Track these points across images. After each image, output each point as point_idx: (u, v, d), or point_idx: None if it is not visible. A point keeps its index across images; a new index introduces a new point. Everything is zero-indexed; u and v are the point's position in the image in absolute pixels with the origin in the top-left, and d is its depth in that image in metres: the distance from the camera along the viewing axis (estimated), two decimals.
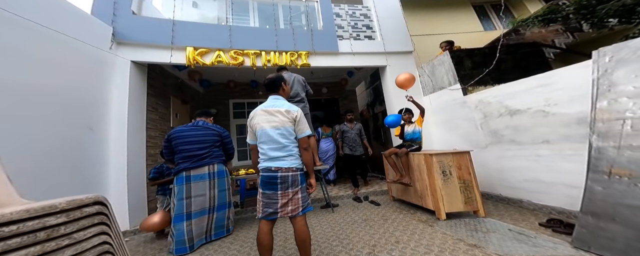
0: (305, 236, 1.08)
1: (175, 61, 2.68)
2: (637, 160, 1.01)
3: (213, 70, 3.63)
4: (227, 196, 1.89)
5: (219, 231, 1.80)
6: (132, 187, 2.22)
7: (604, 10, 2.12)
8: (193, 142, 1.74)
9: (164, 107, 3.05)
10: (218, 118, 4.29)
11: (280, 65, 2.64)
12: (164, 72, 3.18)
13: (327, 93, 4.72)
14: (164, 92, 3.11)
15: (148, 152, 2.55)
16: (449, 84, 2.75)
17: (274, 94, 1.25)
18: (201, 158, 1.72)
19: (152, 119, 2.76)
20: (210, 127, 1.87)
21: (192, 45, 2.73)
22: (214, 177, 1.78)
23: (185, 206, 1.62)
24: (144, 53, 2.57)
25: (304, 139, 1.16)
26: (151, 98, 2.78)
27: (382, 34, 3.32)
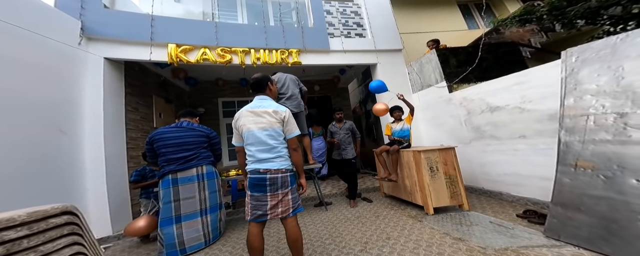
0: (296, 236, 1.08)
1: (156, 58, 2.53)
2: (599, 154, 1.11)
3: (199, 68, 3.48)
4: (218, 197, 1.85)
5: (215, 234, 1.77)
6: (113, 191, 2.11)
7: (572, 12, 2.29)
8: (177, 144, 1.67)
9: (145, 106, 2.89)
10: (207, 117, 4.14)
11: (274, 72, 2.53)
12: (145, 70, 2.99)
13: (320, 91, 4.71)
14: (145, 90, 2.94)
15: (129, 154, 2.42)
16: (436, 82, 2.84)
17: (261, 94, 1.21)
18: (188, 160, 1.67)
19: (133, 119, 2.61)
20: (195, 127, 1.79)
21: (174, 42, 2.58)
22: (203, 179, 1.73)
23: (173, 209, 1.58)
24: (119, 49, 2.40)
25: (293, 140, 1.16)
26: (131, 97, 2.62)
27: (372, 32, 3.34)
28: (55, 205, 0.66)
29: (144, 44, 2.51)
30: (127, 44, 2.45)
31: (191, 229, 1.60)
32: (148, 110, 2.94)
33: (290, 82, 2.27)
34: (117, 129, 2.34)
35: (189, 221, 1.61)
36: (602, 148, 1.10)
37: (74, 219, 0.70)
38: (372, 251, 1.32)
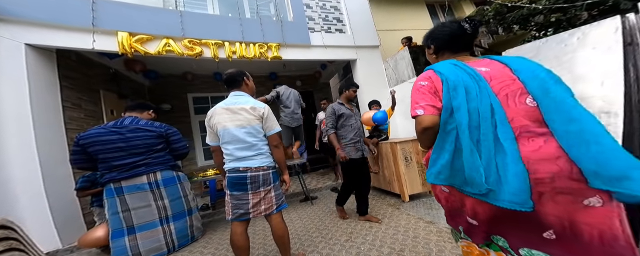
0: (282, 232, 1.09)
1: (101, 48, 2.12)
2: None
3: (161, 61, 3.03)
4: (185, 203, 1.68)
5: (182, 241, 1.64)
6: (56, 200, 1.78)
7: (510, 18, 2.75)
8: (118, 149, 1.41)
9: (91, 102, 2.43)
10: (176, 114, 3.71)
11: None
12: (87, 61, 2.48)
13: (302, 86, 4.65)
14: (90, 84, 2.46)
15: None
16: (409, 77, 3.11)
17: (236, 90, 1.15)
18: (134, 167, 1.44)
19: (75, 118, 2.19)
20: (143, 126, 1.49)
21: (126, 30, 2.18)
22: (159, 187, 1.52)
23: (123, 221, 1.42)
24: (46, 35, 1.93)
25: (274, 136, 1.14)
26: (70, 91, 2.17)
27: (352, 28, 3.39)
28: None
29: (84, 30, 2.06)
30: (59, 29, 1.98)
31: (148, 240, 1.46)
32: (95, 106, 2.48)
33: (294, 97, 2.53)
34: (54, 130, 1.93)
35: (145, 231, 1.46)
36: None
37: (9, 233, 0.60)
38: (356, 241, 1.41)
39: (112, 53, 2.25)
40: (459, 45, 0.67)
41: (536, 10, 2.45)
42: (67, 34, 2.00)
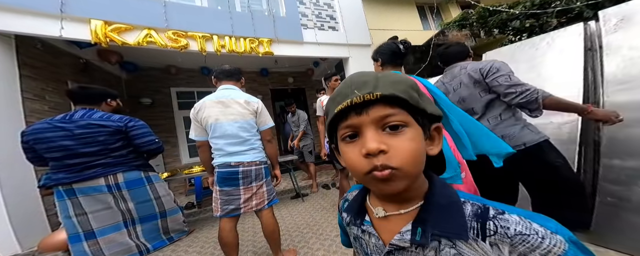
0: (273, 228, 1.08)
1: (71, 36, 1.93)
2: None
3: (142, 52, 2.82)
4: (157, 206, 1.49)
5: (157, 243, 1.50)
6: (14, 199, 1.61)
7: (491, 22, 2.95)
8: (61, 148, 1.18)
9: (56, 94, 2.19)
10: (157, 109, 3.49)
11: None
12: (53, 49, 2.23)
13: (294, 83, 4.60)
14: (55, 74, 2.22)
15: None
16: None
17: (229, 83, 1.12)
18: (86, 167, 1.22)
19: (37, 110, 1.97)
20: (96, 121, 1.24)
21: (100, 17, 2.00)
22: (120, 189, 1.32)
23: (78, 225, 1.25)
24: (3, 18, 1.71)
25: (268, 131, 1.14)
26: (31, 82, 1.95)
27: (344, 26, 3.40)
28: None
29: (50, 15, 1.85)
30: (18, 13, 1.76)
31: (113, 243, 1.32)
32: (61, 98, 2.24)
33: (303, 119, 2.74)
34: (10, 123, 1.73)
35: (108, 235, 1.30)
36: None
37: None
38: None
39: (84, 42, 2.05)
40: (398, 60, 0.88)
41: (513, 15, 2.65)
42: (29, 18, 1.78)
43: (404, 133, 0.23)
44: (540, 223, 0.21)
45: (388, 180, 0.22)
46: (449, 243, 0.23)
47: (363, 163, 0.23)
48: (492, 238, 0.22)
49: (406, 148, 0.22)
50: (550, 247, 0.20)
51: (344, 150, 0.25)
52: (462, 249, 0.23)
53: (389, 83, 0.23)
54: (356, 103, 0.23)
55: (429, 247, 0.24)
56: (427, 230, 0.23)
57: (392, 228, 0.26)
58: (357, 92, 0.23)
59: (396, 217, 0.26)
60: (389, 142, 0.22)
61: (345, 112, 0.24)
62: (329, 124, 0.26)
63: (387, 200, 0.27)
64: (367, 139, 0.23)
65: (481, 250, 0.22)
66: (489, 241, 0.22)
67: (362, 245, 0.29)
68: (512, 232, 0.21)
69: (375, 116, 0.23)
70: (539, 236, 0.20)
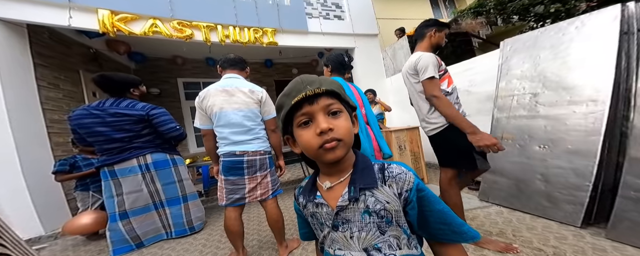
0: (278, 217, 1.09)
1: (79, 25, 1.96)
2: (519, 126, 1.44)
3: (149, 42, 2.84)
4: (180, 189, 1.57)
5: (178, 230, 1.57)
6: (36, 184, 1.71)
7: (510, 8, 2.72)
8: (97, 133, 1.31)
9: (70, 83, 2.28)
10: (165, 99, 3.57)
11: None
12: (63, 38, 2.30)
13: (298, 74, 4.50)
14: (67, 64, 2.30)
15: (53, 140, 1.95)
16: None
17: (233, 72, 1.11)
18: (122, 150, 1.36)
19: (53, 98, 2.06)
20: (122, 110, 1.34)
21: (108, 7, 2.01)
22: (149, 170, 1.44)
23: (116, 205, 1.39)
24: (15, 8, 1.76)
25: (272, 121, 1.13)
26: (45, 70, 2.03)
27: (351, 15, 3.27)
28: None
29: (59, 5, 1.88)
30: (30, 3, 1.80)
31: (145, 223, 1.45)
32: (75, 87, 2.34)
33: None
34: (29, 110, 1.82)
35: (139, 216, 1.43)
36: (519, 122, 1.44)
37: None
38: None
39: (92, 31, 2.08)
40: (344, 69, 1.12)
41: (537, 0, 2.42)
42: (39, 8, 1.82)
43: (341, 116, 0.33)
44: (403, 166, 0.35)
45: (334, 148, 0.32)
46: (370, 193, 0.33)
47: (316, 140, 0.32)
48: (388, 181, 0.34)
49: (344, 125, 0.33)
50: (410, 178, 0.34)
51: (300, 133, 0.33)
52: (377, 195, 0.33)
53: (328, 82, 0.34)
54: (309, 96, 0.31)
55: (360, 201, 0.33)
56: (356, 186, 0.33)
57: (335, 195, 0.35)
58: (309, 87, 0.31)
59: (338, 185, 0.35)
60: (333, 122, 0.32)
61: (300, 103, 0.32)
62: (284, 116, 0.34)
63: (330, 174, 0.36)
64: (320, 121, 0.32)
65: (385, 192, 0.33)
66: (387, 184, 0.34)
67: (317, 218, 0.37)
68: (394, 174, 0.34)
69: (322, 105, 0.32)
70: (404, 173, 0.34)
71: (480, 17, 3.62)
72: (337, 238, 0.34)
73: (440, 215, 0.33)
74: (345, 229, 0.33)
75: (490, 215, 1.34)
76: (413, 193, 0.33)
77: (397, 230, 0.32)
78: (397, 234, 0.32)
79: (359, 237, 0.32)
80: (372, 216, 0.32)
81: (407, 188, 0.33)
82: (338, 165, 0.35)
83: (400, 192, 0.33)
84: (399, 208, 0.32)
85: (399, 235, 0.32)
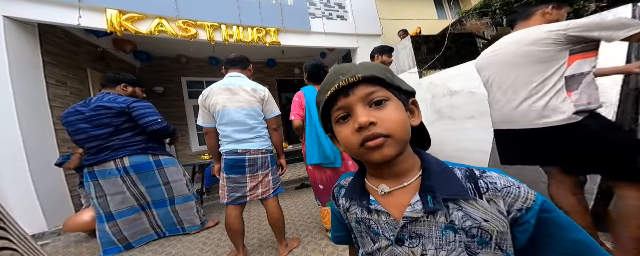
0: (278, 216, 1.09)
1: (88, 25, 2.01)
2: None
3: (154, 42, 2.89)
4: (166, 191, 1.46)
5: (171, 229, 1.51)
6: (41, 181, 1.74)
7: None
8: (79, 131, 1.25)
9: (77, 81, 2.34)
10: (169, 98, 3.61)
11: None
12: (73, 38, 2.35)
13: (300, 74, 4.55)
14: (76, 62, 2.36)
15: (59, 137, 1.98)
16: (409, 68, 3.07)
17: (236, 71, 1.12)
18: (99, 150, 1.27)
19: (60, 96, 2.11)
20: (105, 103, 1.26)
21: (116, 7, 2.05)
22: (128, 173, 1.33)
23: (100, 207, 1.34)
24: (28, 8, 1.81)
25: (274, 120, 1.14)
26: (54, 69, 2.08)
27: (354, 15, 3.27)
28: None
29: (69, 5, 1.93)
30: (42, 3, 1.85)
31: (132, 225, 1.39)
32: (82, 85, 2.39)
33: None
34: (37, 106, 1.86)
35: (126, 218, 1.37)
36: None
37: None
38: None
39: (100, 31, 2.13)
40: (318, 78, 1.21)
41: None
42: (51, 8, 1.88)
43: (388, 106, 0.27)
44: (507, 177, 0.26)
45: (381, 147, 0.25)
46: (456, 206, 0.25)
47: (356, 137, 0.26)
48: (487, 194, 0.25)
49: (392, 116, 0.26)
50: (527, 194, 0.24)
51: (339, 130, 0.29)
52: (467, 210, 0.25)
53: (366, 68, 0.27)
54: (343, 87, 0.27)
55: (439, 213, 0.25)
56: (437, 196, 0.25)
57: (397, 203, 0.28)
58: (342, 78, 0.27)
59: (399, 191, 0.28)
60: (376, 114, 0.26)
61: (335, 97, 0.28)
62: (322, 113, 0.30)
63: (385, 177, 0.29)
64: (358, 115, 0.26)
65: (482, 208, 0.25)
66: (486, 198, 0.25)
67: (370, 226, 0.30)
68: (500, 186, 0.25)
69: (361, 95, 0.27)
70: (516, 187, 0.25)
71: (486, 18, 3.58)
72: (402, 254, 0.27)
73: (576, 247, 0.22)
74: (414, 245, 0.26)
75: None
76: (532, 215, 0.23)
77: (494, 255, 0.24)
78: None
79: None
80: (459, 235, 0.25)
81: (521, 207, 0.24)
82: (393, 167, 0.28)
83: (510, 210, 0.24)
84: (505, 229, 0.24)
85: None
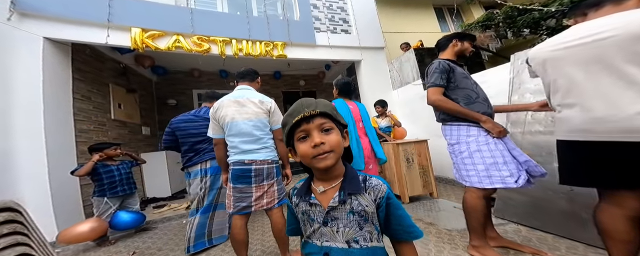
0: (282, 226, 1.08)
1: (115, 43, 2.20)
2: (534, 142, 1.37)
3: (170, 57, 3.12)
4: (217, 196, 1.56)
5: (198, 243, 1.46)
6: (59, 191, 1.81)
7: (521, 21, 2.71)
8: (190, 135, 1.55)
9: (100, 95, 2.52)
10: (181, 110, 3.76)
11: None
12: (99, 55, 2.58)
13: (305, 86, 4.68)
14: (100, 77, 2.56)
15: (79, 149, 2.10)
16: (413, 80, 3.09)
17: (245, 84, 1.18)
18: (196, 153, 1.54)
19: (83, 109, 2.27)
20: (204, 115, 1.60)
21: (139, 25, 2.26)
22: (206, 174, 1.54)
23: (196, 202, 1.53)
24: (64, 29, 2.02)
25: (279, 131, 1.16)
26: (80, 84, 2.26)
27: (357, 29, 3.41)
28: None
29: (99, 25, 2.14)
30: (76, 24, 2.07)
31: (197, 226, 1.48)
32: (103, 99, 2.57)
33: None
34: (62, 120, 2.00)
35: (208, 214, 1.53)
36: (535, 138, 1.37)
37: (15, 216, 0.60)
38: None
39: (125, 48, 2.33)
40: (348, 93, 1.45)
41: (548, 14, 2.40)
42: (83, 28, 2.09)
43: (332, 132, 0.42)
44: (381, 180, 0.45)
45: (325, 158, 0.41)
46: (355, 197, 0.43)
47: (311, 151, 0.41)
48: (368, 190, 0.44)
49: (335, 139, 0.42)
50: (383, 189, 0.44)
51: (299, 146, 0.43)
52: (359, 199, 0.43)
53: (322, 105, 0.43)
54: (306, 116, 0.41)
55: (347, 203, 0.42)
56: (345, 192, 0.42)
57: (327, 198, 0.44)
58: (306, 109, 0.41)
59: (330, 190, 0.44)
60: (325, 137, 0.41)
61: (299, 122, 0.42)
62: (287, 132, 0.43)
63: (323, 180, 0.45)
64: (314, 137, 0.41)
65: (366, 198, 0.43)
66: (367, 192, 0.43)
67: (309, 215, 0.45)
68: (373, 185, 0.44)
69: (317, 123, 0.42)
70: (380, 185, 0.44)
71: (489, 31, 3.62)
72: (326, 232, 0.43)
73: (398, 218, 0.43)
74: (333, 225, 0.42)
75: (507, 233, 1.26)
76: (384, 200, 0.43)
77: (371, 227, 0.42)
78: (371, 230, 0.42)
79: (343, 232, 0.42)
80: (355, 216, 0.42)
81: (380, 196, 0.43)
82: (330, 173, 0.44)
83: (375, 198, 0.43)
84: (374, 210, 0.42)
85: (372, 231, 0.42)
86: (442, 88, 1.05)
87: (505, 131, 0.99)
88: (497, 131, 0.97)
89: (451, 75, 1.06)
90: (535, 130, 1.40)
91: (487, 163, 0.96)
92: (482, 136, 1.00)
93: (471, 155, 1.00)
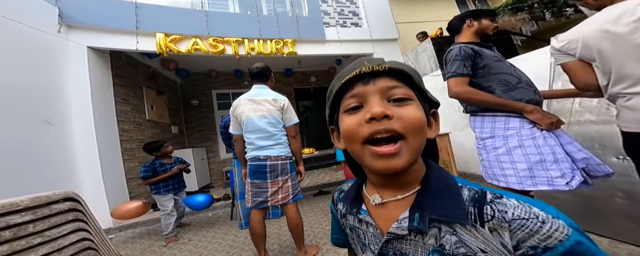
0: (297, 222, 1.12)
1: (143, 48, 2.42)
2: (583, 133, 1.17)
3: (191, 59, 3.35)
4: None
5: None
6: (110, 183, 2.10)
7: (562, 0, 2.33)
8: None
9: (136, 98, 2.81)
10: (203, 110, 4.07)
11: None
12: (132, 61, 2.87)
13: (316, 82, 4.67)
14: (135, 82, 2.85)
15: (123, 147, 2.39)
16: (431, 70, 2.87)
17: (260, 83, 1.22)
18: None
19: (123, 111, 2.54)
20: None
21: (162, 31, 2.46)
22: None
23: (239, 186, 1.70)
24: (102, 38, 2.28)
25: (292, 127, 1.18)
26: (120, 88, 2.54)
27: (368, 21, 3.28)
28: (56, 191, 0.66)
29: (130, 32, 2.38)
30: (111, 33, 2.33)
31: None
32: (139, 101, 2.86)
33: None
34: (108, 121, 2.29)
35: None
36: (586, 128, 1.16)
37: (76, 205, 0.70)
38: None
39: (152, 53, 2.56)
40: None
41: None
42: (118, 36, 2.35)
43: (409, 104, 0.23)
44: (540, 208, 0.20)
45: (392, 155, 0.21)
46: (449, 229, 0.22)
47: (363, 128, 0.23)
48: (490, 223, 0.21)
49: (412, 115, 0.22)
50: (551, 232, 0.18)
51: (344, 119, 0.25)
52: (462, 236, 0.21)
53: (397, 62, 0.25)
54: (364, 73, 0.23)
55: (429, 234, 0.23)
56: (425, 215, 0.22)
57: (389, 215, 0.25)
58: (366, 63, 0.24)
59: (393, 204, 0.25)
60: (394, 109, 0.23)
61: (351, 82, 0.24)
62: (332, 100, 0.27)
63: (384, 186, 0.26)
64: (372, 105, 0.23)
65: (482, 237, 0.21)
66: (488, 227, 0.21)
67: (359, 235, 0.28)
68: (510, 216, 0.20)
69: (381, 86, 0.23)
70: (538, 221, 0.19)
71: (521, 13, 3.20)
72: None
73: None
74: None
75: None
76: (552, 254, 0.18)
77: None
78: None
79: None
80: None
81: (536, 244, 0.19)
82: (396, 177, 0.24)
83: (519, 245, 0.19)
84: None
85: None
86: (467, 78, 0.86)
87: (560, 121, 0.79)
88: (548, 122, 0.76)
89: (478, 60, 0.87)
90: (584, 119, 1.19)
91: (532, 162, 0.76)
92: (525, 129, 0.79)
93: (510, 151, 0.80)
